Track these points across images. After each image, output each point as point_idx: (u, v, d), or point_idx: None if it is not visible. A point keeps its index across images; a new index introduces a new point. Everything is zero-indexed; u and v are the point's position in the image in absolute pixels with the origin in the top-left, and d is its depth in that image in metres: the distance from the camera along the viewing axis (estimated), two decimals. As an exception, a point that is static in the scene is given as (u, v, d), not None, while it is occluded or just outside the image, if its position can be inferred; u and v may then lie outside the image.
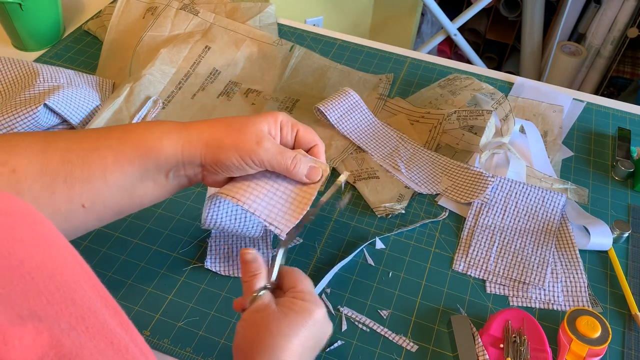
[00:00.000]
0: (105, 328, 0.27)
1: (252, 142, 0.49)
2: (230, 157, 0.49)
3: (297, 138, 0.54)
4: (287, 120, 0.53)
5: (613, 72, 1.95)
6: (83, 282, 0.29)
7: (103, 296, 0.30)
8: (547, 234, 0.68)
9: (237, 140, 0.49)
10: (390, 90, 0.89)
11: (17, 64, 0.78)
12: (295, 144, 0.54)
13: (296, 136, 0.54)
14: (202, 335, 0.58)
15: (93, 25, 0.98)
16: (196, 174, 0.52)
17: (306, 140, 0.54)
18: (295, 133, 0.53)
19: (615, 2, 1.81)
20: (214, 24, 0.94)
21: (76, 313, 0.26)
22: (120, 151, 0.47)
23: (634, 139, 0.82)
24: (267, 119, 0.51)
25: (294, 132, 0.53)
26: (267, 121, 0.51)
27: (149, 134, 0.48)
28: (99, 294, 0.29)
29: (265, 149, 0.49)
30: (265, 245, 0.65)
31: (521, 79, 0.91)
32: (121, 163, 0.47)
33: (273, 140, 0.51)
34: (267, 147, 0.49)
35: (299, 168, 0.52)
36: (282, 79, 0.89)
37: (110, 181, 0.47)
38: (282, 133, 0.53)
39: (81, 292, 0.28)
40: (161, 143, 0.48)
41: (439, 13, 1.73)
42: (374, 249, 0.67)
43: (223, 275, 0.62)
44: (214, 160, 0.49)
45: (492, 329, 0.56)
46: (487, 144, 0.76)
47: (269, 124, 0.51)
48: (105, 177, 0.46)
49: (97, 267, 0.63)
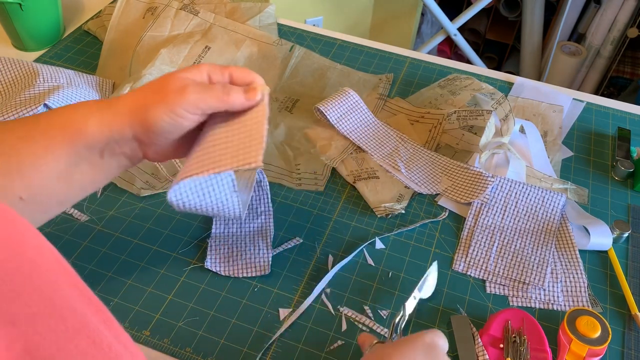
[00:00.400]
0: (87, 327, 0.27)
1: (177, 93, 0.46)
2: (160, 116, 0.45)
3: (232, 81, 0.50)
4: (215, 67, 0.49)
5: (613, 72, 1.95)
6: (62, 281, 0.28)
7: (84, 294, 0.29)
8: (547, 234, 0.68)
9: (162, 96, 0.46)
10: (390, 90, 0.89)
11: (17, 64, 0.78)
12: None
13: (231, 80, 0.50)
14: (202, 336, 0.58)
15: (93, 25, 0.98)
16: (134, 150, 0.49)
17: (242, 76, 0.50)
18: (228, 77, 0.50)
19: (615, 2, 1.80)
20: (213, 24, 0.94)
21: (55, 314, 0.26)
22: (50, 136, 0.45)
23: (634, 139, 0.82)
24: (190, 70, 0.48)
25: (226, 76, 0.49)
26: (191, 72, 0.48)
27: (75, 115, 0.46)
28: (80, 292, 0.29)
29: (190, 91, 0.46)
30: (265, 245, 0.65)
31: (521, 79, 0.91)
32: (52, 149, 0.45)
33: (199, 82, 0.48)
34: (192, 90, 0.46)
35: (234, 94, 0.48)
36: (282, 79, 0.89)
37: (43, 169, 0.44)
38: (212, 81, 0.49)
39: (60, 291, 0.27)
40: (87, 122, 0.45)
41: (439, 13, 1.73)
42: (373, 249, 0.67)
43: (223, 275, 0.62)
44: (145, 126, 0.46)
45: (492, 329, 0.56)
46: (487, 144, 0.76)
47: (193, 74, 0.48)
48: (38, 165, 0.44)
49: (97, 267, 0.63)
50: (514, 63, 2.14)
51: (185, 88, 0.46)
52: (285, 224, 0.69)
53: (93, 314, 0.28)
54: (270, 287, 0.62)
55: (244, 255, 0.63)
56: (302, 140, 0.79)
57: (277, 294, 0.62)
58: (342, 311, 0.60)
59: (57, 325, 0.25)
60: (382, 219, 0.70)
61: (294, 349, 0.57)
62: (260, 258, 0.63)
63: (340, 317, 0.60)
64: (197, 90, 0.46)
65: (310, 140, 0.79)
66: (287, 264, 0.64)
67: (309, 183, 0.73)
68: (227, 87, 0.48)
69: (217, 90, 0.47)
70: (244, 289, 0.62)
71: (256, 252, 0.64)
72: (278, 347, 0.57)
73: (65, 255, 0.65)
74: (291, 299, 0.61)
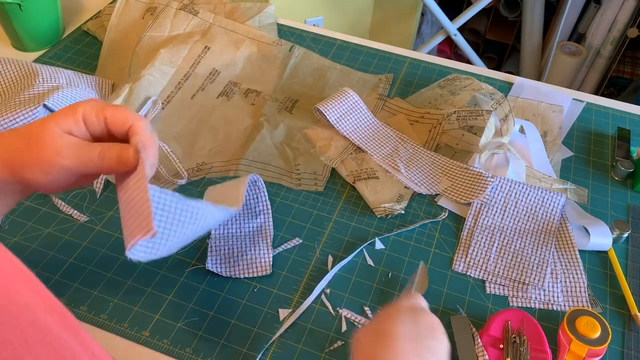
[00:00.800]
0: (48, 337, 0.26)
1: (52, 153, 0.43)
2: (37, 176, 0.43)
3: (107, 125, 0.46)
4: (90, 110, 0.45)
5: (613, 72, 1.95)
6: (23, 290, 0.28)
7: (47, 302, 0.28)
8: (547, 234, 0.68)
9: (36, 154, 0.43)
10: (390, 90, 0.89)
11: (16, 64, 0.78)
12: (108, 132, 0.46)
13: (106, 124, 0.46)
14: (201, 336, 0.58)
15: (92, 26, 0.98)
16: (16, 191, 0.46)
17: (117, 122, 0.45)
18: (103, 121, 0.45)
19: (615, 2, 1.80)
20: (213, 24, 0.94)
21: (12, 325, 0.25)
22: None
23: (634, 139, 0.82)
24: (65, 117, 0.44)
25: (101, 120, 0.45)
26: (65, 120, 0.44)
27: None
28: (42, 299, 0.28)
29: (65, 156, 0.43)
30: (265, 245, 0.65)
31: (521, 79, 0.91)
32: None
33: (75, 140, 0.44)
34: (66, 154, 0.43)
35: (107, 160, 0.44)
36: (282, 79, 0.89)
37: None
38: (89, 127, 0.45)
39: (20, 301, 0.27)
40: None
41: (439, 13, 1.72)
42: (373, 249, 0.67)
43: (223, 276, 0.62)
44: (23, 181, 0.44)
45: (492, 330, 0.56)
46: (486, 144, 0.76)
47: (67, 122, 0.44)
48: None
49: (96, 267, 0.63)
50: (514, 63, 2.14)
51: (60, 150, 0.43)
52: (285, 224, 0.69)
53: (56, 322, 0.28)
54: (270, 288, 0.62)
55: (245, 256, 0.63)
56: (302, 141, 0.79)
57: (276, 294, 0.61)
58: (342, 312, 0.60)
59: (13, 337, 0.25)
60: (381, 219, 0.70)
61: (293, 350, 0.57)
62: (262, 258, 0.63)
63: (340, 318, 0.60)
64: (71, 155, 0.44)
65: (310, 140, 0.79)
66: (286, 264, 0.64)
67: (308, 183, 0.73)
68: (102, 151, 0.44)
69: (92, 155, 0.44)
70: (244, 289, 0.62)
71: (257, 253, 0.64)
72: (278, 347, 0.57)
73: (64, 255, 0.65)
74: (291, 300, 0.61)
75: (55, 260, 0.63)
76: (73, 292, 0.60)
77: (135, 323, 0.58)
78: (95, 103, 0.45)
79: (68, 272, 0.62)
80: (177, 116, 0.82)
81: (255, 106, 0.84)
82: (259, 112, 0.83)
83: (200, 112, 0.83)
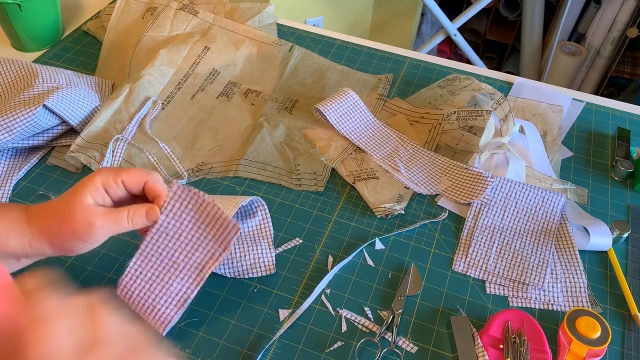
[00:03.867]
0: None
1: (86, 225, 0.49)
2: (76, 245, 0.50)
3: (127, 189, 0.53)
4: (107, 178, 0.51)
5: (613, 72, 1.95)
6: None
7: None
8: (547, 234, 0.68)
9: (72, 229, 0.49)
10: (390, 90, 0.89)
11: (16, 64, 0.78)
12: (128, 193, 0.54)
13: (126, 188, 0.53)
14: (201, 337, 0.58)
15: (92, 26, 0.98)
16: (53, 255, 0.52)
17: (133, 184, 0.53)
18: (121, 185, 0.52)
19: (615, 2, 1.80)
20: (213, 25, 0.94)
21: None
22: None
23: (634, 139, 0.82)
24: (88, 191, 0.50)
25: (120, 185, 0.52)
26: (89, 192, 0.50)
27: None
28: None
29: (99, 226, 0.50)
30: (267, 245, 0.65)
31: (520, 79, 0.91)
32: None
33: (103, 210, 0.50)
34: (100, 224, 0.50)
35: (137, 220, 0.52)
36: (282, 79, 0.89)
37: None
38: (110, 193, 0.52)
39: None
40: (7, 237, 0.49)
41: (439, 13, 1.72)
42: (373, 249, 0.67)
43: (223, 276, 0.62)
44: (64, 251, 0.51)
45: (492, 330, 0.56)
46: (486, 144, 0.76)
47: (92, 194, 0.50)
48: None
49: (96, 268, 0.63)
50: (514, 63, 2.14)
51: (93, 222, 0.49)
52: (285, 224, 0.69)
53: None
54: (270, 288, 0.62)
55: (247, 256, 0.63)
56: (302, 141, 0.79)
57: (276, 294, 0.61)
58: (342, 313, 0.60)
59: None
60: (381, 219, 0.70)
61: (293, 350, 0.57)
62: (265, 258, 0.63)
63: (340, 318, 0.60)
64: (104, 222, 0.50)
65: (310, 140, 0.79)
66: (286, 264, 0.64)
67: (308, 183, 0.73)
68: (130, 213, 0.52)
69: (122, 218, 0.51)
70: (244, 289, 0.62)
71: (259, 253, 0.64)
72: (278, 348, 0.57)
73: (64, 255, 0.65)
74: (291, 300, 0.61)
75: (55, 260, 0.63)
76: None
77: (135, 323, 0.58)
78: (108, 171, 0.52)
79: (68, 272, 0.62)
80: (177, 116, 0.82)
81: (255, 106, 0.84)
82: (259, 112, 0.83)
83: (200, 112, 0.83)
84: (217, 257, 0.55)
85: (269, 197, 0.72)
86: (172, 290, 0.55)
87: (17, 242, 0.49)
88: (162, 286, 0.55)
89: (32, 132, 0.71)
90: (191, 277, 0.55)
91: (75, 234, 0.49)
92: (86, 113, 0.76)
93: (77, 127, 0.75)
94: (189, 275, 0.55)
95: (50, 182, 0.72)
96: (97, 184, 0.51)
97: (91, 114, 0.77)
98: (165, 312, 0.55)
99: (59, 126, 0.74)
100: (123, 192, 0.53)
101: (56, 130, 0.75)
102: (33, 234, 0.50)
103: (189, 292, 0.55)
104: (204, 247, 0.55)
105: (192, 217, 0.55)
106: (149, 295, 0.55)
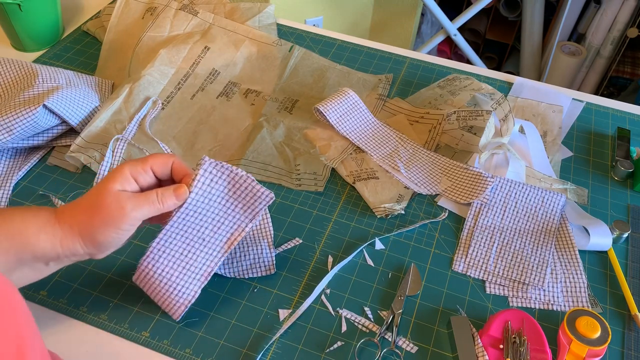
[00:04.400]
0: None
1: (118, 209, 0.49)
2: (108, 235, 0.50)
3: (156, 175, 0.54)
4: (135, 167, 0.52)
5: (613, 72, 1.95)
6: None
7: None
8: (547, 234, 0.68)
9: (103, 217, 0.49)
10: (390, 90, 0.89)
11: (16, 64, 0.78)
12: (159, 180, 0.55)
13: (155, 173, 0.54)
14: (201, 337, 0.58)
15: (92, 26, 0.98)
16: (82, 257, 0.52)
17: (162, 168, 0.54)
18: (150, 171, 0.53)
19: (615, 2, 1.80)
20: (213, 25, 0.94)
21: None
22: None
23: (634, 139, 0.82)
24: (117, 180, 0.51)
25: (148, 172, 0.53)
26: (118, 181, 0.51)
27: (25, 228, 0.48)
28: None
29: (130, 208, 0.50)
30: (267, 244, 0.65)
31: (520, 79, 0.91)
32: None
33: (132, 194, 0.51)
34: (131, 207, 0.50)
35: (167, 200, 0.52)
36: (282, 79, 0.89)
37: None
38: (139, 181, 0.53)
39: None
40: (38, 238, 0.48)
41: (439, 13, 1.72)
42: (373, 249, 0.67)
43: (223, 276, 0.62)
44: (96, 245, 0.50)
45: (492, 330, 0.56)
46: (486, 144, 0.76)
47: (120, 183, 0.51)
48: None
49: (96, 268, 0.63)
50: (514, 63, 2.14)
51: (123, 205, 0.50)
52: (285, 224, 0.69)
53: None
54: (270, 288, 0.62)
55: (247, 256, 0.63)
56: (302, 141, 0.79)
57: (276, 294, 0.61)
58: (342, 313, 0.60)
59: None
60: (381, 219, 0.70)
61: (293, 350, 0.57)
62: (265, 258, 0.63)
63: (340, 318, 0.60)
64: (135, 205, 0.50)
65: (310, 140, 0.79)
66: (286, 264, 0.64)
67: (308, 183, 0.73)
68: (159, 194, 0.52)
69: (153, 199, 0.52)
70: (244, 289, 0.62)
71: (259, 253, 0.64)
72: (278, 348, 0.57)
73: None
74: (291, 300, 0.61)
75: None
76: (73, 292, 0.60)
77: (135, 324, 0.58)
78: (135, 161, 0.53)
79: (68, 272, 0.62)
80: (177, 116, 0.82)
81: (255, 106, 0.84)
82: (259, 112, 0.83)
83: (200, 112, 0.83)
84: (244, 228, 0.57)
85: (269, 197, 0.72)
86: (197, 265, 0.56)
87: (47, 242, 0.49)
88: (187, 262, 0.56)
89: (32, 132, 0.71)
90: (216, 249, 0.57)
91: (108, 221, 0.49)
92: (86, 113, 0.76)
93: (77, 127, 0.75)
94: (215, 248, 0.57)
95: (50, 182, 0.72)
96: (126, 174, 0.51)
97: (91, 114, 0.77)
98: (188, 288, 0.56)
99: (59, 126, 0.74)
100: (152, 179, 0.54)
101: (56, 130, 0.75)
102: (64, 231, 0.49)
103: (212, 264, 0.57)
104: (232, 219, 0.57)
105: (221, 192, 0.56)
106: (172, 273, 0.55)
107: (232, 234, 0.57)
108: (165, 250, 0.56)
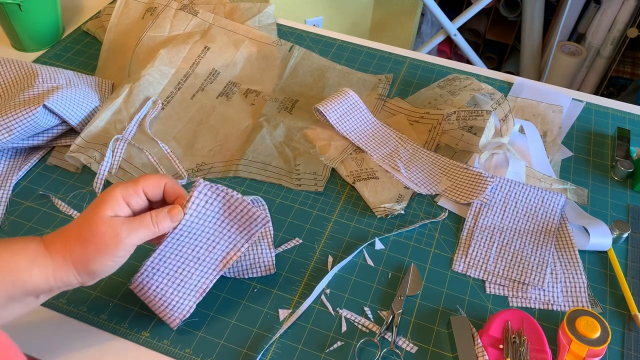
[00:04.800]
0: None
1: (113, 237, 0.48)
2: (104, 264, 0.49)
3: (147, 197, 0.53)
4: (126, 190, 0.51)
5: (613, 72, 1.95)
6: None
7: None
8: (547, 234, 0.68)
9: (98, 246, 0.48)
10: (390, 90, 0.89)
11: (16, 64, 0.78)
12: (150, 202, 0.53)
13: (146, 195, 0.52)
14: (201, 337, 0.58)
15: (92, 26, 0.98)
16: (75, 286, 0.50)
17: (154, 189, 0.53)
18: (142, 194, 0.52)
19: (615, 2, 1.80)
20: (213, 25, 0.94)
21: None
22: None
23: (634, 139, 0.82)
24: (108, 205, 0.49)
25: (140, 194, 0.52)
26: (110, 207, 0.49)
27: (14, 263, 0.46)
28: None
29: (125, 235, 0.48)
30: (267, 244, 0.65)
31: (520, 79, 0.91)
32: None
33: (125, 219, 0.49)
34: (126, 233, 0.49)
35: (162, 222, 0.52)
36: (282, 79, 0.89)
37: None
38: (132, 204, 0.51)
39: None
40: (30, 273, 0.46)
41: (439, 13, 1.72)
42: (373, 249, 0.67)
43: (223, 276, 0.62)
44: (91, 274, 0.49)
45: (492, 330, 0.56)
46: (486, 144, 0.76)
47: (112, 208, 0.49)
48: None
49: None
50: (514, 63, 2.14)
51: (118, 232, 0.48)
52: (285, 224, 0.69)
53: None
54: (270, 288, 0.62)
55: (247, 256, 0.63)
56: (302, 141, 0.79)
57: (276, 294, 0.61)
58: (342, 313, 0.60)
59: None
60: (381, 219, 0.70)
61: (293, 350, 0.57)
62: (265, 258, 0.63)
63: (340, 318, 0.60)
64: (130, 230, 0.49)
65: (310, 140, 0.79)
66: (286, 264, 0.64)
67: (308, 183, 0.73)
68: (153, 217, 0.51)
69: (147, 223, 0.50)
70: (244, 289, 0.62)
71: (259, 253, 0.64)
72: (278, 348, 0.57)
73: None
74: (291, 300, 0.61)
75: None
76: (73, 293, 0.60)
77: (135, 324, 0.58)
78: (126, 183, 0.51)
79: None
80: (176, 116, 0.82)
81: (255, 106, 0.84)
82: (259, 112, 0.83)
83: (200, 112, 0.83)
84: (240, 248, 0.57)
85: (269, 197, 0.72)
86: (191, 282, 0.56)
87: (40, 275, 0.47)
88: (182, 279, 0.56)
89: (32, 132, 0.71)
90: (211, 267, 0.57)
91: (103, 250, 0.48)
92: (86, 113, 0.76)
93: (77, 127, 0.75)
94: (210, 267, 0.57)
95: (50, 182, 0.72)
96: (118, 198, 0.50)
97: (91, 114, 0.77)
98: (183, 304, 0.56)
99: (59, 126, 0.74)
100: (144, 201, 0.52)
101: (56, 130, 0.75)
102: (56, 263, 0.48)
103: (207, 282, 0.57)
104: (227, 239, 0.57)
105: (216, 213, 0.56)
106: (166, 290, 0.56)
107: (227, 252, 0.57)
108: (159, 268, 0.56)
